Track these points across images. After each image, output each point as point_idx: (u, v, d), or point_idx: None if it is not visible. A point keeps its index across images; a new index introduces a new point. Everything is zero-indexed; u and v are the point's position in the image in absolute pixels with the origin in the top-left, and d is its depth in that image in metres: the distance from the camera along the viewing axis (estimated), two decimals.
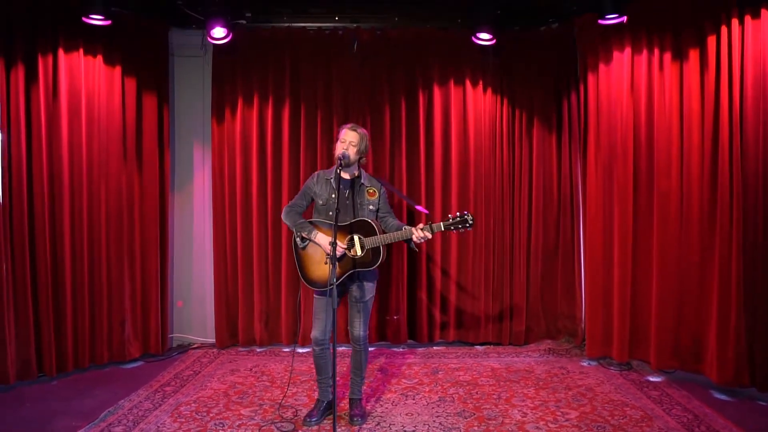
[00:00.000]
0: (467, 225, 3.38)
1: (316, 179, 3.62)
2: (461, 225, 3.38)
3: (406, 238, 3.39)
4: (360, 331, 3.58)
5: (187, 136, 5.24)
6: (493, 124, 5.17)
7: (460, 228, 3.39)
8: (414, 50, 5.13)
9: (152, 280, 4.82)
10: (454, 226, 3.39)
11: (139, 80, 4.72)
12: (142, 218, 4.79)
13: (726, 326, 4.03)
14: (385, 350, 5.13)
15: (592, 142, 4.76)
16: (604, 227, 4.69)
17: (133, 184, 4.73)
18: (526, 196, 5.21)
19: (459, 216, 3.40)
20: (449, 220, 3.40)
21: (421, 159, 5.17)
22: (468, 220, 3.38)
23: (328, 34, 5.07)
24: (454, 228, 3.39)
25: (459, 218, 3.39)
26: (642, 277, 4.52)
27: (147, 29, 4.74)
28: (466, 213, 3.40)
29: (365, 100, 5.12)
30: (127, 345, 4.69)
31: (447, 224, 3.39)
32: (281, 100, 5.09)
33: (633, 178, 4.52)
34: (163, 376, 4.45)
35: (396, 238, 3.40)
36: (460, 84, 5.16)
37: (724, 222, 4.04)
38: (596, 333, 4.72)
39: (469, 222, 3.38)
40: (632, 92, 4.50)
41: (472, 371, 4.55)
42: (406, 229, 3.40)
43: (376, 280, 3.65)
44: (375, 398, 4.01)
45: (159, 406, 3.84)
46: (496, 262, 5.21)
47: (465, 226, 3.38)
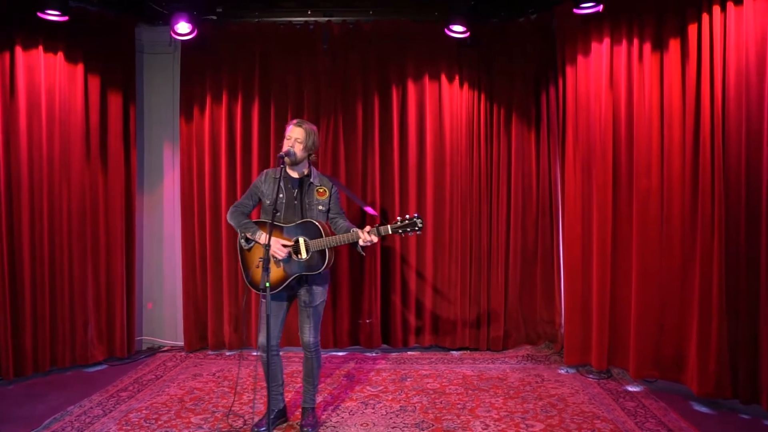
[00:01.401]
0: (416, 228, 3.20)
1: (264, 178, 3.46)
2: (410, 228, 3.20)
3: (353, 241, 3.22)
4: (310, 337, 3.41)
5: (157, 135, 5.14)
6: (470, 120, 4.96)
7: (409, 231, 3.20)
8: (388, 44, 4.95)
9: (118, 281, 4.72)
10: (402, 230, 3.20)
11: (104, 78, 4.62)
12: (107, 219, 4.69)
13: (707, 334, 3.78)
14: (357, 355, 4.96)
15: (571, 138, 4.53)
16: (583, 229, 4.46)
17: (98, 183, 4.64)
18: (505, 196, 4.99)
19: (408, 219, 3.22)
20: (397, 223, 3.22)
21: (395, 158, 4.99)
22: (417, 223, 3.20)
23: (298, 28, 4.91)
24: (402, 231, 3.20)
25: (408, 221, 3.21)
26: (622, 281, 4.28)
27: (112, 25, 4.63)
28: (416, 216, 3.21)
29: (337, 97, 4.95)
30: (90, 348, 4.60)
31: (395, 227, 3.21)
32: (251, 97, 4.95)
33: (612, 177, 4.28)
34: (122, 380, 4.35)
35: (342, 241, 3.23)
36: (435, 79, 4.97)
37: (706, 224, 3.79)
38: (575, 339, 4.49)
39: (419, 225, 3.20)
40: (611, 85, 4.26)
41: (442, 378, 4.36)
42: (353, 231, 3.23)
43: (328, 283, 3.48)
44: (333, 406, 3.85)
45: (109, 413, 3.73)
46: (473, 264, 5.00)
47: (414, 230, 3.20)
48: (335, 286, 5.01)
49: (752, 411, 3.63)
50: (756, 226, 3.55)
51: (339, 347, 5.05)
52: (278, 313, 3.42)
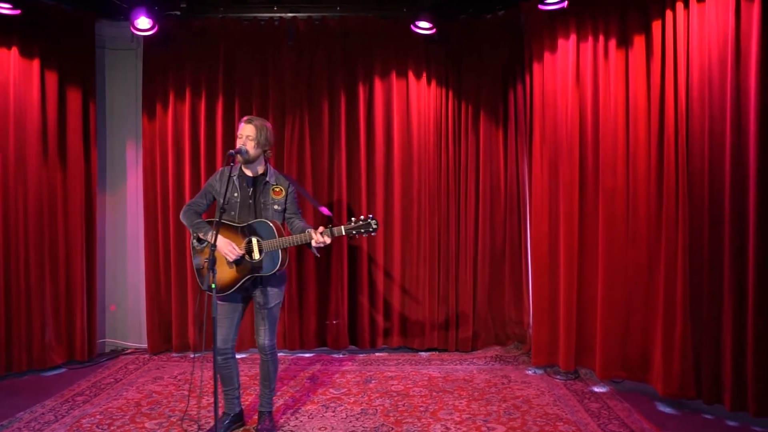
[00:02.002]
0: (370, 230, 3.12)
1: (219, 176, 3.37)
2: (364, 229, 3.12)
3: (306, 242, 3.14)
4: (265, 340, 3.33)
5: (120, 134, 5.02)
6: (438, 118, 4.89)
7: (363, 232, 3.12)
8: (355, 41, 4.87)
9: (77, 283, 4.61)
10: (356, 231, 3.12)
11: (62, 74, 4.50)
12: (66, 219, 4.57)
13: (671, 334, 3.75)
14: (324, 356, 4.89)
15: (538, 136, 4.48)
16: (550, 228, 4.41)
17: (56, 182, 4.52)
18: (473, 194, 4.93)
19: (362, 220, 3.14)
20: (351, 224, 3.14)
21: (362, 156, 4.91)
22: (371, 224, 3.12)
23: (264, 24, 4.82)
24: (356, 232, 3.12)
25: (362, 222, 3.13)
26: (588, 281, 4.23)
27: (70, 20, 4.51)
28: (371, 217, 3.13)
29: (303, 94, 4.87)
30: (48, 351, 4.48)
31: (348, 228, 3.13)
32: (215, 94, 4.85)
33: (579, 175, 4.23)
34: (80, 384, 4.24)
35: (295, 242, 3.15)
36: (403, 76, 4.89)
37: (670, 223, 3.76)
38: (542, 340, 4.44)
39: (373, 227, 3.12)
40: (578, 82, 4.21)
41: (408, 380, 4.30)
42: (307, 232, 3.15)
43: (284, 285, 3.40)
44: (293, 410, 3.77)
45: (61, 419, 3.63)
46: (441, 264, 4.94)
47: (368, 231, 3.12)
48: (302, 286, 4.94)
49: (716, 411, 3.60)
50: (719, 226, 3.51)
51: (306, 348, 4.97)
52: (232, 315, 3.33)
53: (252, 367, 4.56)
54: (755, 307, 3.30)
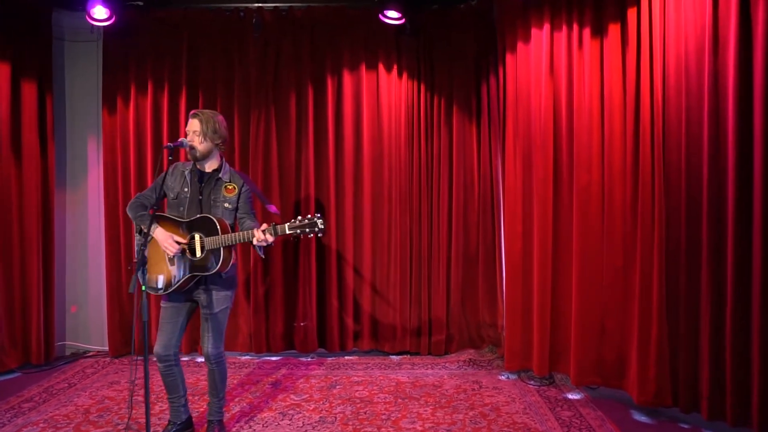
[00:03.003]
0: (316, 229, 2.93)
1: (172, 170, 3.19)
2: (309, 228, 2.93)
3: (248, 240, 2.95)
4: (209, 348, 3.13)
5: (80, 129, 4.85)
6: (409, 112, 4.70)
7: (308, 232, 2.93)
8: (323, 32, 4.68)
9: (33, 283, 4.43)
10: (300, 230, 2.93)
11: (15, 66, 4.32)
12: (21, 216, 4.40)
13: (647, 338, 3.54)
14: (291, 360, 4.70)
15: (511, 131, 4.28)
16: (524, 227, 4.21)
17: (10, 179, 4.34)
18: (446, 192, 4.73)
19: (308, 219, 2.95)
20: (295, 222, 2.95)
21: (330, 151, 4.72)
22: (317, 223, 2.93)
23: (228, 15, 4.63)
24: (300, 232, 2.93)
25: (308, 221, 2.94)
26: (563, 282, 4.03)
27: (24, 9, 4.33)
28: (318, 216, 2.95)
29: (269, 88, 4.68)
30: (1, 355, 4.31)
31: (293, 227, 2.93)
32: (178, 87, 4.68)
33: (553, 171, 4.02)
34: (30, 390, 4.06)
35: (237, 240, 2.96)
36: (373, 68, 4.70)
37: (646, 221, 3.55)
38: (515, 344, 4.24)
39: (319, 226, 2.93)
40: (552, 74, 4.01)
41: (374, 386, 4.11)
42: (249, 230, 2.96)
43: (232, 289, 3.20)
44: (249, 417, 3.58)
45: (1, 428, 3.45)
46: (414, 265, 4.75)
47: (314, 230, 2.93)
48: (269, 286, 4.75)
49: (693, 420, 3.39)
50: (696, 224, 3.31)
51: (273, 351, 4.78)
52: (175, 319, 3.15)
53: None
54: (733, 310, 3.09)
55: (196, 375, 4.30)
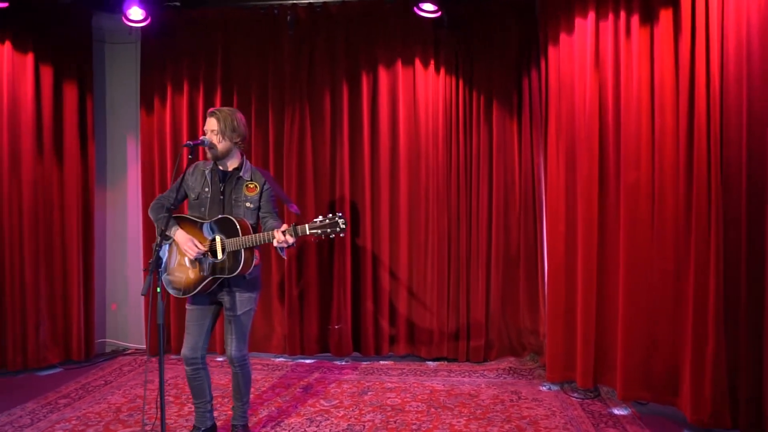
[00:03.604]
0: (337, 229, 2.80)
1: (192, 170, 3.14)
2: (330, 229, 2.80)
3: (269, 241, 2.86)
4: (233, 351, 3.06)
5: (120, 129, 4.92)
6: (447, 108, 4.52)
7: (329, 232, 2.80)
8: (358, 27, 4.57)
9: (74, 281, 4.51)
10: (321, 230, 2.81)
11: (57, 68, 4.41)
12: (63, 216, 4.49)
13: (702, 351, 3.24)
14: (325, 363, 4.60)
15: (553, 127, 4.03)
16: (567, 228, 3.95)
17: (52, 179, 4.44)
18: (486, 191, 4.52)
19: (329, 218, 2.82)
20: (316, 222, 2.83)
21: (366, 150, 4.60)
22: (339, 223, 2.80)
23: (263, 13, 4.58)
24: (321, 232, 2.81)
25: (329, 221, 2.82)
26: (609, 287, 3.76)
27: (66, 13, 4.41)
28: (339, 215, 2.81)
29: (303, 85, 4.61)
30: (43, 350, 4.40)
31: (313, 227, 2.82)
32: (213, 86, 4.67)
33: (599, 169, 3.76)
34: (68, 385, 4.13)
35: (258, 241, 2.87)
36: (409, 64, 4.55)
37: (702, 222, 3.24)
38: (557, 353, 3.99)
39: (341, 226, 2.80)
40: (597, 65, 3.74)
41: (407, 393, 3.95)
42: (270, 231, 2.87)
43: (256, 291, 3.12)
44: (275, 422, 3.50)
45: (37, 422, 3.50)
46: (452, 267, 4.56)
47: (335, 231, 2.80)
48: (303, 289, 4.68)
49: None
50: (759, 226, 3.00)
51: (307, 354, 4.70)
52: (202, 321, 3.09)
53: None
54: None
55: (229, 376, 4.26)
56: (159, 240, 2.70)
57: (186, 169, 3.15)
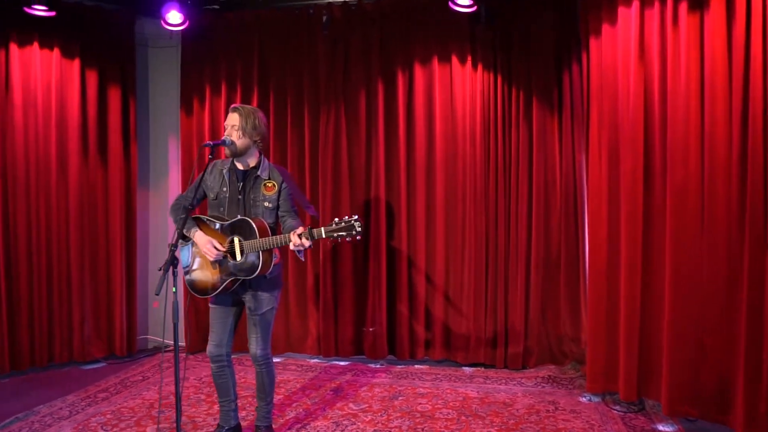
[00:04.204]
0: (353, 232, 2.72)
1: (211, 169, 3.15)
2: (346, 232, 2.73)
3: (286, 244, 2.82)
4: (257, 349, 3.05)
5: (162, 130, 5.04)
6: (485, 106, 4.37)
7: (345, 235, 2.73)
8: (393, 24, 4.50)
9: (117, 279, 4.65)
10: (337, 233, 2.74)
11: (102, 72, 4.56)
12: (107, 216, 4.64)
13: (757, 366, 2.99)
14: (359, 366, 4.54)
15: (595, 123, 3.81)
16: (610, 231, 3.73)
17: (97, 180, 4.59)
18: (526, 192, 4.33)
19: (345, 221, 2.75)
20: (332, 225, 2.76)
21: (401, 150, 4.52)
22: (355, 226, 2.72)
23: (297, 13, 4.59)
24: (337, 235, 2.74)
25: (344, 224, 2.75)
26: (654, 294, 3.52)
27: (109, 19, 4.56)
28: (355, 218, 2.74)
29: (338, 85, 4.57)
30: (87, 345, 4.56)
31: (329, 230, 2.75)
32: (250, 87, 4.71)
33: (643, 167, 3.52)
34: (108, 380, 4.25)
35: (274, 243, 2.84)
36: (445, 61, 4.43)
37: (757, 225, 2.99)
38: (598, 362, 3.77)
39: (357, 229, 2.72)
40: (642, 57, 3.51)
41: (439, 400, 3.83)
42: (287, 234, 2.83)
43: (277, 290, 3.10)
44: (301, 425, 3.46)
45: (74, 415, 3.61)
46: (489, 270, 4.41)
47: (351, 234, 2.73)
48: (337, 290, 4.64)
49: None
50: None
51: (341, 356, 4.66)
52: (225, 319, 3.10)
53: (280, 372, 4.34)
54: None
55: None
56: (174, 240, 2.71)
57: (205, 168, 3.15)
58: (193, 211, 3.14)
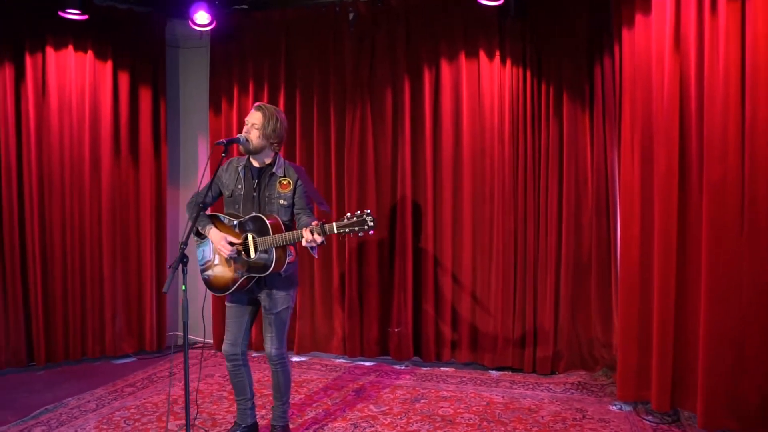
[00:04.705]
0: (365, 227, 2.67)
1: (226, 166, 3.15)
2: (358, 227, 2.68)
3: (298, 240, 2.78)
4: (272, 348, 3.04)
5: (192, 130, 5.11)
6: (514, 102, 4.23)
7: (357, 230, 2.68)
8: (418, 20, 4.42)
9: (147, 276, 4.75)
10: (349, 228, 2.69)
11: (133, 74, 4.66)
12: (138, 215, 4.74)
13: None
14: (384, 367, 4.48)
15: (627, 118, 3.63)
16: (642, 231, 3.54)
17: (128, 179, 4.70)
18: (556, 190, 4.18)
19: (357, 216, 2.70)
20: (344, 221, 2.71)
21: (428, 148, 4.43)
22: (367, 221, 2.67)
23: (324, 11, 4.56)
24: (349, 230, 2.69)
25: (356, 218, 2.69)
26: (689, 297, 3.31)
27: (141, 22, 4.65)
28: (367, 212, 2.68)
29: (364, 82, 4.52)
30: (118, 340, 4.67)
31: (340, 225, 2.70)
32: (276, 86, 4.71)
33: (678, 164, 3.33)
34: (136, 374, 4.33)
35: (287, 240, 2.81)
36: (473, 56, 4.32)
37: None
38: (629, 368, 3.58)
39: (369, 224, 2.66)
40: (677, 47, 3.31)
41: (462, 404, 3.73)
42: (299, 230, 2.79)
43: (293, 289, 3.08)
44: (319, 425, 3.43)
45: (100, 408, 3.69)
46: (518, 271, 4.27)
47: (363, 229, 2.67)
48: (362, 290, 4.59)
49: None
50: None
51: (366, 356, 4.61)
52: (241, 318, 3.11)
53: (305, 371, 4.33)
54: None
55: None
56: (185, 238, 2.71)
57: (218, 165, 3.15)
58: (207, 208, 3.15)
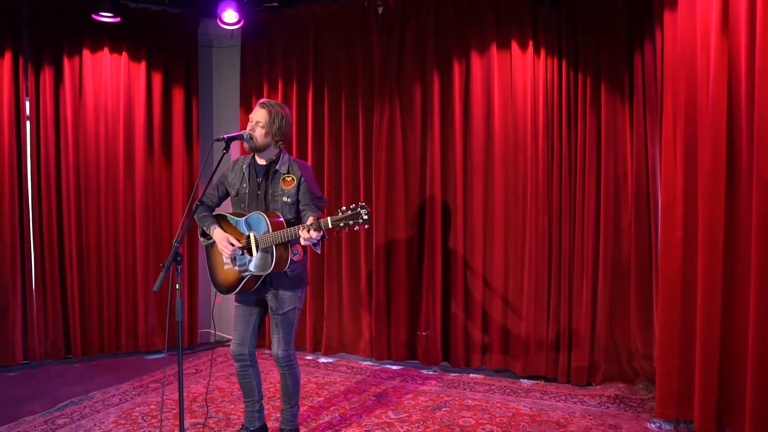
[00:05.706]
0: (360, 221, 2.53)
1: (232, 166, 3.10)
2: (353, 220, 2.54)
3: (296, 237, 2.68)
4: (278, 350, 2.96)
5: (225, 129, 5.11)
6: (549, 94, 3.99)
7: (352, 224, 2.55)
8: (447, 12, 4.25)
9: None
10: (344, 222, 2.56)
11: (166, 74, 4.72)
12: (170, 213, 4.81)
13: None
14: (411, 371, 4.33)
15: (669, 109, 3.32)
16: (685, 234, 3.23)
17: (162, 178, 4.77)
18: (593, 188, 3.90)
19: (351, 209, 2.56)
20: (338, 215, 2.58)
21: (458, 145, 4.26)
22: (361, 214, 2.53)
23: (352, 6, 4.47)
24: (344, 224, 2.56)
25: (350, 212, 2.56)
26: (737, 307, 2.99)
27: (174, 22, 4.71)
28: (362, 204, 2.54)
29: (392, 77, 4.40)
30: (150, 336, 4.75)
31: (334, 219, 2.58)
32: (305, 83, 4.66)
33: (726, 160, 3.01)
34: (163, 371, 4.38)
35: (285, 237, 2.72)
36: (505, 47, 4.10)
37: None
38: (670, 384, 3.27)
39: (363, 217, 2.53)
40: (725, 29, 2.99)
41: (485, 414, 3.53)
42: (297, 227, 2.69)
43: (300, 289, 2.98)
44: (332, 430, 3.32)
45: (123, 403, 3.73)
46: (552, 276, 4.02)
47: (358, 222, 2.54)
48: (390, 292, 4.47)
49: None
50: None
51: (394, 360, 4.48)
52: (248, 317, 3.06)
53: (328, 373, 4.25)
54: None
55: (308, 376, 4.19)
56: (179, 236, 2.66)
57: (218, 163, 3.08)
58: (214, 209, 3.12)
